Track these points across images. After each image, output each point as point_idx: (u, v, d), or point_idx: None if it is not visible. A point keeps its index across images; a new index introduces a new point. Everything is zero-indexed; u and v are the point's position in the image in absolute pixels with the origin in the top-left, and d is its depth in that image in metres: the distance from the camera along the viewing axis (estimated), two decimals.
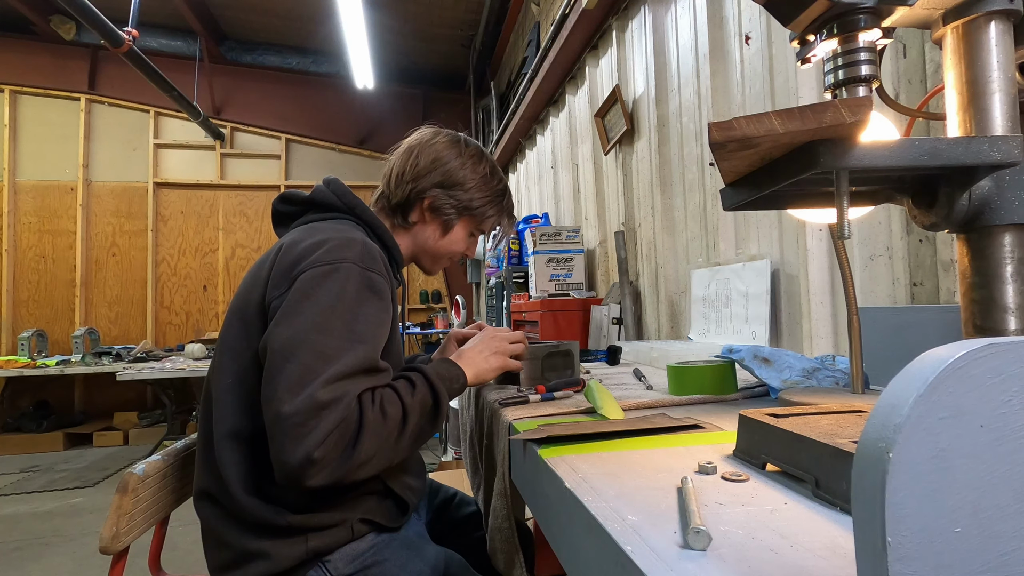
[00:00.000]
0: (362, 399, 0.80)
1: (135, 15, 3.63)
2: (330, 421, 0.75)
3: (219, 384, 0.92)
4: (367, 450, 0.78)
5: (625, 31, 2.74)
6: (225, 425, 0.90)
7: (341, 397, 0.77)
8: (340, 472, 0.77)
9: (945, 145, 0.56)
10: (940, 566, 0.25)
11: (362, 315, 0.85)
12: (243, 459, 0.88)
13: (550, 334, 2.79)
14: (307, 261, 0.87)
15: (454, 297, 5.69)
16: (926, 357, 0.27)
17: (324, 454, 0.74)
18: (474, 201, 1.11)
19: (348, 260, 0.87)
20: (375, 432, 0.79)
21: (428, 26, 5.52)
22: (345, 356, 0.80)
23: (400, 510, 0.98)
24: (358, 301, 0.85)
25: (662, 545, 0.42)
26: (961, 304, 0.63)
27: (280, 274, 0.88)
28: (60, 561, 2.67)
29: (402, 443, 0.83)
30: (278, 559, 0.86)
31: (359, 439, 0.77)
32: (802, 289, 1.50)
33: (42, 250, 5.68)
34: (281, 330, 0.81)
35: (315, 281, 0.84)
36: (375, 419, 0.79)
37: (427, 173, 1.09)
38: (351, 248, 0.89)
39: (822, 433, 0.52)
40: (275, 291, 0.87)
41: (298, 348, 0.79)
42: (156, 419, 5.41)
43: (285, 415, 0.75)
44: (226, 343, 0.94)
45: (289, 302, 0.84)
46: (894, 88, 1.24)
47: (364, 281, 0.87)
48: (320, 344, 0.80)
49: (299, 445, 0.74)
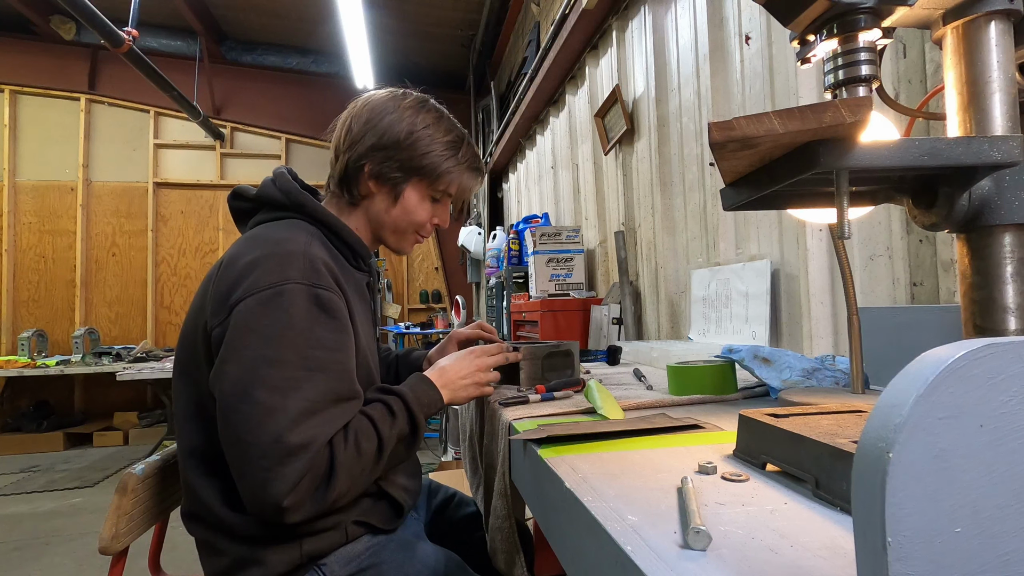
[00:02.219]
0: (333, 442, 0.77)
1: (135, 15, 3.63)
2: (297, 469, 0.72)
3: (178, 405, 0.90)
4: (341, 487, 0.77)
5: (625, 31, 2.74)
6: (188, 444, 0.88)
7: (310, 443, 0.74)
8: (315, 510, 0.77)
9: (945, 145, 0.56)
10: (940, 566, 0.25)
11: (315, 339, 0.79)
12: (214, 480, 0.86)
13: (550, 334, 2.79)
14: (243, 287, 0.79)
15: (454, 297, 5.69)
16: (926, 357, 0.27)
17: (295, 500, 0.73)
18: (420, 159, 0.96)
19: (291, 280, 0.79)
20: (348, 471, 0.78)
21: (428, 26, 5.52)
22: (304, 388, 0.75)
23: (395, 511, 0.97)
24: (310, 327, 0.78)
25: (662, 545, 0.42)
26: (961, 304, 0.63)
27: (218, 301, 0.82)
28: (60, 561, 2.67)
29: (377, 470, 0.84)
30: (273, 565, 0.85)
31: (331, 481, 0.76)
32: (802, 289, 1.50)
33: (42, 250, 5.68)
34: (229, 369, 0.76)
35: (257, 311, 0.77)
36: (349, 459, 0.78)
37: (361, 136, 0.96)
38: (291, 265, 0.81)
39: (822, 433, 0.52)
40: (214, 319, 0.81)
41: (250, 387, 0.74)
42: (156, 419, 5.41)
43: (250, 459, 0.73)
44: (181, 364, 0.90)
45: (231, 336, 0.77)
46: (894, 88, 1.24)
47: (311, 300, 0.80)
48: (273, 378, 0.74)
49: (267, 493, 0.72)
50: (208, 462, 0.87)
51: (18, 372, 4.65)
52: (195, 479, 0.87)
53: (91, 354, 4.89)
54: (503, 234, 4.27)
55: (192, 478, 0.87)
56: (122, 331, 5.80)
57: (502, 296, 3.82)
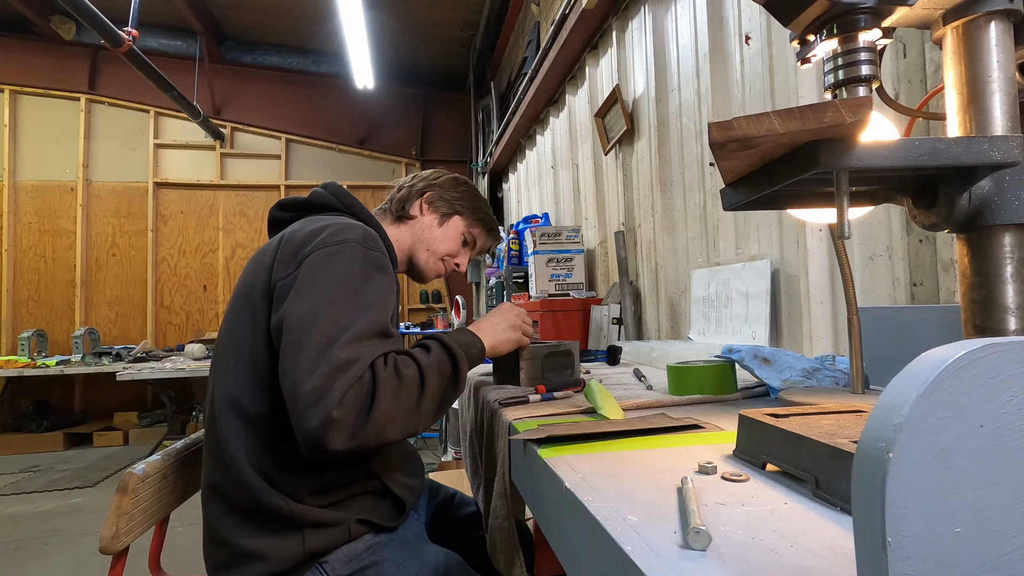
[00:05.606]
0: (375, 363, 0.82)
1: (135, 15, 3.63)
2: (346, 381, 0.78)
3: (221, 366, 0.94)
4: (385, 410, 0.79)
5: (625, 31, 2.74)
6: (225, 394, 0.92)
7: (357, 358, 0.80)
8: (360, 433, 0.78)
9: (945, 145, 0.56)
10: (940, 566, 0.25)
11: (369, 287, 0.90)
12: (246, 435, 0.90)
13: (550, 334, 2.79)
14: (313, 243, 0.92)
15: (454, 297, 5.69)
16: (926, 357, 0.27)
17: (342, 414, 0.76)
18: (464, 204, 1.24)
19: (352, 240, 0.92)
20: (391, 392, 0.81)
21: (428, 26, 5.52)
22: (358, 321, 0.84)
23: (397, 509, 0.98)
24: (364, 276, 0.90)
25: (662, 545, 0.42)
26: (961, 304, 0.63)
27: (287, 257, 0.93)
28: (60, 561, 2.67)
29: (423, 407, 0.85)
30: (275, 560, 0.86)
31: (375, 399, 0.79)
32: (802, 289, 1.50)
33: (42, 250, 5.68)
34: (297, 306, 0.85)
35: (323, 260, 0.89)
36: (389, 379, 0.82)
37: (423, 179, 1.26)
38: (353, 231, 0.95)
39: (822, 433, 0.52)
40: (282, 272, 0.92)
41: (315, 321, 0.83)
42: (156, 419, 5.41)
43: (307, 383, 0.78)
44: (230, 329, 0.96)
45: (300, 280, 0.88)
46: (894, 88, 1.24)
47: (368, 259, 0.92)
48: (334, 315, 0.84)
49: (318, 407, 0.76)
50: (242, 413, 0.91)
51: (18, 372, 4.65)
52: (224, 425, 0.91)
53: (91, 354, 4.90)
54: (503, 234, 4.27)
55: (223, 424, 0.91)
56: (122, 331, 5.80)
57: (502, 296, 3.82)
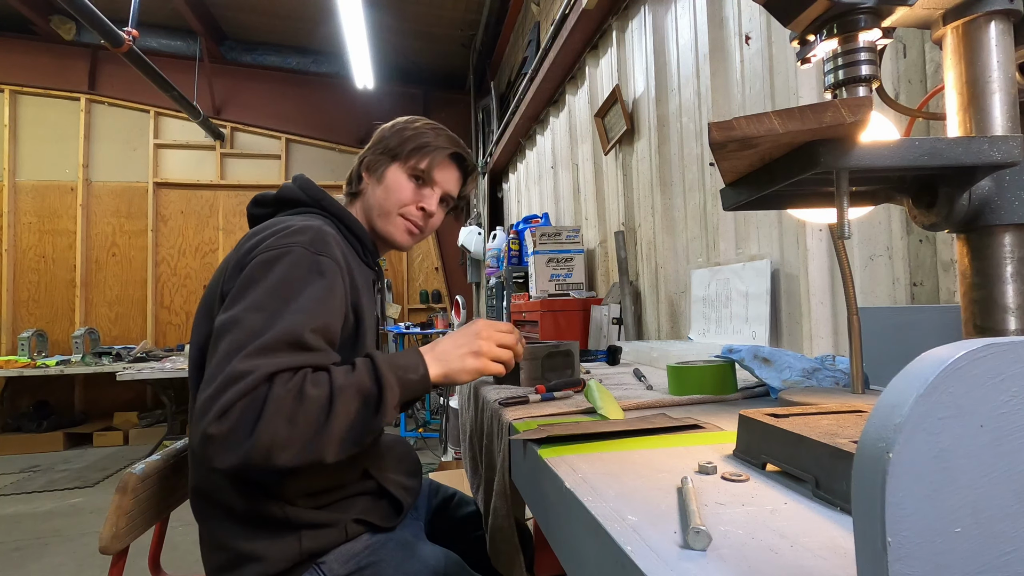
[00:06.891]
0: (276, 378, 0.74)
1: (135, 15, 3.63)
2: (231, 395, 0.70)
3: (193, 377, 0.94)
4: (272, 432, 0.71)
5: (625, 31, 2.73)
6: None
7: (251, 371, 0.72)
8: (243, 452, 0.70)
9: (945, 145, 0.56)
10: (940, 566, 0.25)
11: (305, 294, 0.82)
12: None
13: (550, 334, 2.79)
14: (257, 249, 0.87)
15: (454, 297, 5.69)
16: (926, 357, 0.27)
17: (220, 430, 0.69)
18: (400, 144, 1.08)
19: (297, 244, 0.86)
20: (283, 412, 0.71)
21: (428, 26, 5.52)
22: (273, 330, 0.77)
23: (394, 510, 0.98)
24: (302, 283, 0.84)
25: (662, 545, 0.42)
26: (961, 304, 0.63)
27: (235, 264, 0.89)
28: (60, 561, 2.67)
29: (329, 433, 0.74)
30: (272, 561, 0.85)
31: (261, 417, 0.71)
32: (802, 289, 1.50)
33: (42, 250, 5.68)
34: (225, 313, 0.81)
35: (262, 266, 0.84)
36: (284, 398, 0.72)
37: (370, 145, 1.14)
38: (303, 233, 0.89)
39: (822, 433, 0.52)
40: (230, 282, 0.87)
41: (232, 327, 0.77)
42: (156, 419, 5.41)
43: (203, 393, 0.73)
44: (194, 338, 0.94)
45: (236, 287, 0.84)
46: (894, 88, 1.24)
47: (311, 265, 0.86)
48: (253, 322, 0.77)
49: (201, 422, 0.71)
50: None
51: (18, 372, 4.65)
52: None
53: (91, 354, 4.90)
54: (503, 234, 4.27)
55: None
56: (122, 331, 5.80)
57: (502, 296, 3.82)
